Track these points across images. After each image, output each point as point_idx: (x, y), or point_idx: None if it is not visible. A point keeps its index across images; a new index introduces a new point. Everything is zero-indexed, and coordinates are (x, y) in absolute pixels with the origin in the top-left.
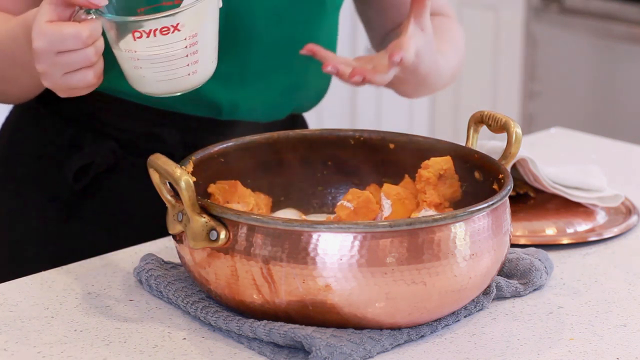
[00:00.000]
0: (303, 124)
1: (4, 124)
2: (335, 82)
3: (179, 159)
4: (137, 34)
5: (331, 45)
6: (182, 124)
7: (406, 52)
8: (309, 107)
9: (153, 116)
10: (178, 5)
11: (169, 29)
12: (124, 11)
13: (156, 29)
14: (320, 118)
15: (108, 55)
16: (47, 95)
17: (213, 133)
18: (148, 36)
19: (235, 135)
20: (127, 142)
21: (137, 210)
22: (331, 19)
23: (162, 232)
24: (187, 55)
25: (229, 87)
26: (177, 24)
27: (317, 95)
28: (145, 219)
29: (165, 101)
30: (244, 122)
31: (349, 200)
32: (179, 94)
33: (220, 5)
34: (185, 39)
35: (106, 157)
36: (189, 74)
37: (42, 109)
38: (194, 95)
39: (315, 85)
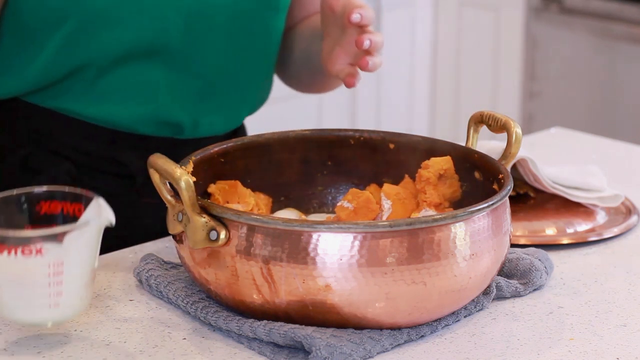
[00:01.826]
0: (243, 129)
1: None
2: None
3: (140, 181)
4: None
5: (273, 47)
6: (142, 145)
7: (363, 9)
8: (257, 108)
9: (112, 137)
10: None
11: (30, 251)
12: (7, 223)
13: (17, 247)
14: (320, 118)
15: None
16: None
17: (173, 152)
18: (9, 253)
19: (193, 151)
20: (85, 164)
21: None
22: (280, 23)
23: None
24: (49, 285)
25: (189, 105)
26: (40, 248)
27: (263, 97)
28: (102, 242)
29: (124, 122)
30: (202, 138)
31: (349, 200)
32: (37, 324)
33: (100, 236)
34: (48, 265)
35: (63, 181)
36: (49, 305)
37: None
38: (154, 117)
39: (262, 88)
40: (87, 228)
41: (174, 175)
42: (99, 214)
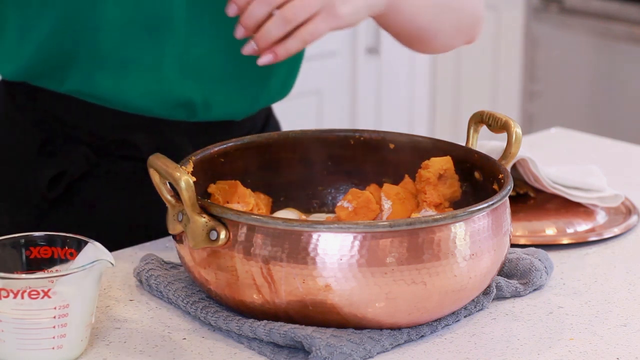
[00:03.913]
0: (275, 121)
1: None
2: (334, 81)
3: None
4: (3, 293)
5: None
6: (155, 129)
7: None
8: (279, 97)
9: (125, 121)
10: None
11: (38, 293)
12: (3, 268)
13: (25, 291)
14: (321, 118)
15: (72, 54)
16: (17, 98)
17: (187, 136)
18: (15, 297)
19: (210, 137)
20: (100, 148)
21: (110, 217)
22: None
23: (132, 240)
24: (54, 327)
25: (197, 81)
26: (49, 290)
27: (285, 83)
28: (119, 226)
29: (134, 102)
30: (217, 122)
31: (349, 200)
32: None
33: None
34: (55, 307)
35: (79, 164)
36: (53, 348)
37: (12, 111)
38: (163, 94)
39: (281, 72)
40: (93, 268)
41: (174, 176)
42: (98, 255)
